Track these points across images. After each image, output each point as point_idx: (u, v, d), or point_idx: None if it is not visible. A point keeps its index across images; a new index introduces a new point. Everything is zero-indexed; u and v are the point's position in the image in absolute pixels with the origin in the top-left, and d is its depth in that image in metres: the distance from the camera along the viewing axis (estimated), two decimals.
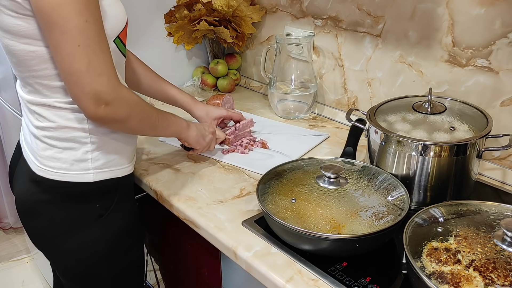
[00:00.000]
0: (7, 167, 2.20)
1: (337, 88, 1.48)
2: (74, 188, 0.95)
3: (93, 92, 0.83)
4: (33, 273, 2.26)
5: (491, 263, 0.71)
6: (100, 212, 0.98)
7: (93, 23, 0.81)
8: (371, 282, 0.80)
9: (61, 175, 0.94)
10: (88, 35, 0.80)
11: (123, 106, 0.88)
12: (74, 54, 0.80)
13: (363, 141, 1.10)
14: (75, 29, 0.79)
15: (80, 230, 0.97)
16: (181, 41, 1.70)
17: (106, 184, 0.97)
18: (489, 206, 0.85)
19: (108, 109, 0.85)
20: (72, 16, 0.78)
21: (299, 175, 0.98)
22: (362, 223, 0.85)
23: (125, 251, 1.05)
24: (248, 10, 1.63)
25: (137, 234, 1.09)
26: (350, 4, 1.36)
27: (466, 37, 1.13)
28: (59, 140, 0.93)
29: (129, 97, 0.90)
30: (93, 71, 0.82)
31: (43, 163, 0.94)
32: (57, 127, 0.92)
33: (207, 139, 1.17)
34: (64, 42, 0.80)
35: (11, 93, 1.65)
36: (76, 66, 0.81)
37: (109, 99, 0.85)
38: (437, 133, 0.98)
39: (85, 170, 0.94)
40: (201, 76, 1.75)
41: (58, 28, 0.79)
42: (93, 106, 0.84)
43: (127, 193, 1.05)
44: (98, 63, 0.82)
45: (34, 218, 0.99)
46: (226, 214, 1.00)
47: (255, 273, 0.87)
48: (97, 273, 1.03)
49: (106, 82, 0.84)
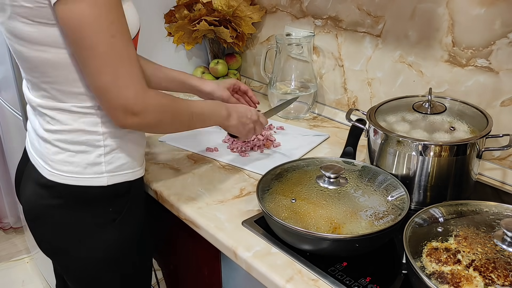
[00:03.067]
0: (7, 167, 2.20)
1: (337, 88, 1.48)
2: (87, 192, 0.93)
3: (120, 105, 0.83)
4: (33, 273, 2.26)
5: (491, 263, 0.71)
6: (113, 216, 0.96)
7: (120, 38, 0.81)
8: (371, 282, 0.80)
9: (74, 179, 0.92)
10: (114, 50, 0.81)
11: (152, 113, 0.88)
12: (101, 69, 0.81)
13: (363, 141, 1.10)
14: (102, 45, 0.79)
15: (93, 235, 0.96)
16: (181, 41, 1.70)
17: (119, 188, 0.96)
18: (489, 206, 0.85)
19: (137, 118, 0.86)
20: (98, 33, 0.79)
21: (299, 175, 0.98)
22: (362, 223, 0.85)
23: (137, 255, 1.04)
24: (248, 10, 1.63)
25: (148, 238, 1.09)
26: (350, 4, 1.36)
27: (466, 37, 1.13)
28: (72, 144, 0.91)
29: (157, 103, 0.89)
30: (120, 85, 0.82)
31: (54, 167, 0.92)
32: (70, 130, 0.91)
33: (247, 128, 1.13)
34: (91, 57, 0.80)
35: (11, 93, 1.65)
36: (103, 80, 0.81)
37: (137, 109, 0.85)
38: (437, 133, 0.98)
39: (99, 174, 0.93)
40: (201, 76, 1.75)
41: (85, 43, 0.79)
42: (121, 117, 0.85)
43: (139, 196, 1.04)
44: (124, 76, 0.83)
45: (43, 223, 0.97)
46: (226, 214, 1.00)
47: (255, 273, 0.87)
48: (108, 278, 1.02)
49: (133, 95, 0.84)
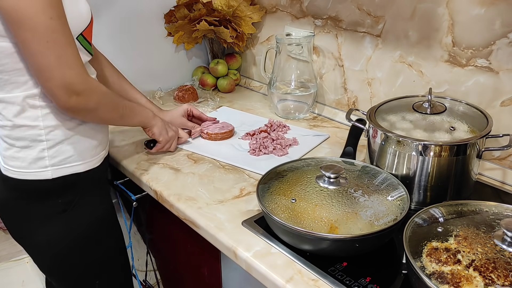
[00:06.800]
0: None
1: (337, 88, 1.48)
2: (35, 185, 0.98)
3: (64, 84, 0.87)
4: (33, 273, 2.26)
5: (491, 263, 0.71)
6: (63, 207, 1.00)
7: (58, 19, 0.84)
8: (371, 282, 0.80)
9: (21, 174, 0.97)
10: (54, 31, 0.84)
11: (93, 95, 0.93)
12: (44, 50, 0.84)
13: (363, 141, 1.10)
14: (41, 27, 0.82)
15: (46, 225, 1.00)
16: (181, 41, 1.70)
17: (66, 180, 0.99)
18: (489, 206, 0.85)
19: (79, 99, 0.89)
20: (36, 15, 0.81)
21: (299, 175, 0.98)
22: (362, 223, 0.85)
23: (99, 242, 1.07)
24: (248, 10, 1.63)
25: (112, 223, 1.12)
26: (350, 4, 1.36)
27: (466, 37, 1.13)
28: (16, 139, 0.95)
29: (98, 87, 0.95)
30: (63, 65, 0.86)
31: (6, 162, 0.98)
32: (13, 126, 0.94)
33: (170, 133, 1.21)
34: (32, 40, 0.83)
35: None
36: (46, 61, 0.84)
37: (80, 89, 0.89)
38: (437, 133, 0.98)
39: (43, 168, 0.97)
40: (201, 76, 1.75)
41: (25, 26, 0.82)
42: (65, 96, 0.88)
43: (94, 186, 1.06)
44: (67, 57, 0.86)
45: (7, 214, 1.04)
46: (226, 214, 1.00)
47: (255, 273, 0.87)
48: (74, 265, 1.06)
49: (76, 74, 0.88)
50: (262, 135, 1.32)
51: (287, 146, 1.28)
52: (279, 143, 1.28)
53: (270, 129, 1.36)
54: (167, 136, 1.20)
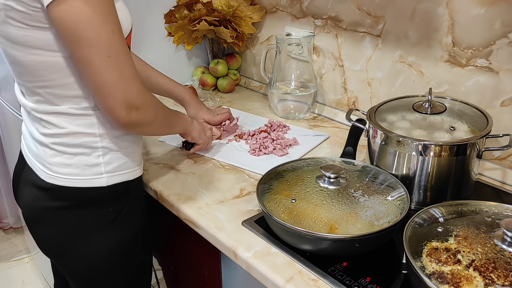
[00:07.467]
0: (7, 168, 2.20)
1: (337, 88, 1.48)
2: (87, 193, 0.94)
3: (125, 99, 0.83)
4: (33, 273, 2.26)
5: (491, 263, 0.71)
6: (113, 216, 0.97)
7: (118, 32, 0.81)
8: (371, 282, 0.80)
9: (73, 181, 0.92)
10: (115, 44, 0.81)
11: (150, 109, 0.90)
12: (106, 66, 0.80)
13: (363, 141, 1.10)
14: (103, 41, 0.79)
15: (94, 236, 0.97)
16: (181, 41, 1.70)
17: (118, 188, 0.96)
18: (489, 206, 0.85)
19: (138, 113, 0.86)
20: (97, 29, 0.78)
21: (299, 175, 0.98)
22: (362, 223, 0.85)
23: (138, 254, 1.05)
24: (248, 10, 1.63)
25: (149, 236, 1.10)
26: (350, 4, 1.36)
27: (466, 37, 1.13)
28: (69, 146, 0.91)
29: (153, 100, 0.92)
30: (125, 80, 0.83)
31: (53, 170, 0.92)
32: (67, 133, 0.91)
33: (207, 134, 1.21)
34: (93, 55, 0.79)
35: (11, 93, 1.65)
36: (109, 77, 0.81)
37: (139, 103, 0.86)
38: (437, 133, 0.98)
39: (98, 175, 0.93)
40: (201, 76, 1.75)
41: (85, 42, 0.78)
42: (125, 112, 0.84)
43: (139, 195, 1.05)
44: (128, 71, 0.83)
45: (44, 225, 0.97)
46: (226, 214, 1.00)
47: (255, 273, 0.87)
48: (110, 277, 1.03)
49: (136, 88, 0.85)
50: (262, 135, 1.32)
51: (287, 146, 1.28)
52: (279, 143, 1.28)
53: (270, 129, 1.37)
54: (206, 137, 1.20)
